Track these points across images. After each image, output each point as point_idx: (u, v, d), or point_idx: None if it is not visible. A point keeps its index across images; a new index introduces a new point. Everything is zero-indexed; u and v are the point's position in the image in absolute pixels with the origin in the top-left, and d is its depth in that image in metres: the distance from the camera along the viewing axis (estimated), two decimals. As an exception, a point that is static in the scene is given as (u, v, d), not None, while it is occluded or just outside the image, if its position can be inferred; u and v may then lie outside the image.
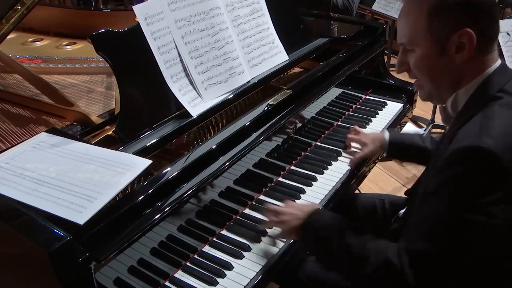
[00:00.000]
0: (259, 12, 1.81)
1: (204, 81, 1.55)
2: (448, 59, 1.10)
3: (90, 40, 1.34)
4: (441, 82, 1.16)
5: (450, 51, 1.09)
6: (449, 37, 1.08)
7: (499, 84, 1.10)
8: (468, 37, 1.07)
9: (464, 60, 1.10)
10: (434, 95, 1.21)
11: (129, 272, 1.17)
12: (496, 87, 1.10)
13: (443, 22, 1.08)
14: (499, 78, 1.11)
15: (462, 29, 1.06)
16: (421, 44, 1.12)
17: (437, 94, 1.20)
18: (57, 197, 1.06)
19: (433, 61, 1.13)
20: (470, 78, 1.13)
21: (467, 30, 1.06)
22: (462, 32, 1.06)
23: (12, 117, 1.69)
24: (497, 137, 1.00)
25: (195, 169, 1.30)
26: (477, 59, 1.11)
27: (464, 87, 1.14)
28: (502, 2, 2.62)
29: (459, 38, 1.07)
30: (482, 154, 0.98)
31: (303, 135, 1.80)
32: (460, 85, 1.15)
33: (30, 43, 2.41)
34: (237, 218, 1.45)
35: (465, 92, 1.14)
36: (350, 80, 2.03)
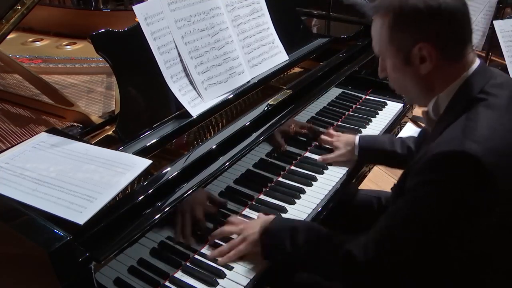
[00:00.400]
0: (259, 12, 1.81)
1: (204, 81, 1.55)
2: (414, 69, 1.12)
3: (90, 40, 1.34)
4: (413, 89, 1.18)
5: (415, 62, 1.11)
6: (410, 50, 1.10)
7: (479, 85, 1.09)
8: (426, 50, 1.08)
9: (432, 69, 1.10)
10: (414, 101, 1.24)
11: (129, 272, 1.17)
12: (477, 88, 1.09)
13: (403, 36, 1.10)
14: (479, 79, 1.11)
15: (419, 43, 1.08)
16: (388, 55, 1.16)
17: (416, 99, 1.24)
18: (57, 197, 1.06)
19: (401, 71, 1.15)
20: (446, 83, 1.13)
21: (424, 44, 1.07)
22: (419, 46, 1.08)
23: (12, 117, 1.69)
24: (480, 140, 0.99)
25: (195, 169, 1.30)
26: (447, 66, 1.11)
27: (444, 91, 1.14)
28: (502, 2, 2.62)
29: (419, 51, 1.09)
30: (466, 159, 0.97)
31: (303, 135, 1.79)
32: (436, 90, 1.15)
33: (30, 43, 2.41)
34: (237, 218, 1.45)
35: (445, 95, 1.14)
36: (350, 80, 2.03)
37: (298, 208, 1.49)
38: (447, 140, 1.04)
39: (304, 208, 1.49)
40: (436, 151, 1.01)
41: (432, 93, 1.16)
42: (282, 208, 1.48)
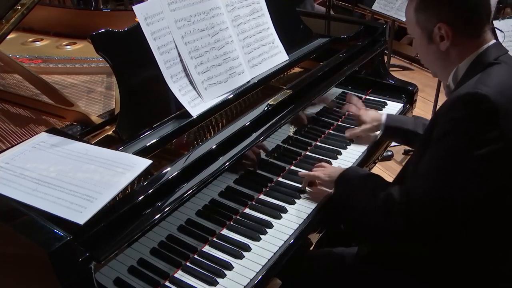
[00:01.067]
0: (259, 12, 1.81)
1: (204, 81, 1.55)
2: (435, 46, 1.29)
3: (90, 40, 1.34)
4: (436, 63, 1.36)
5: (436, 40, 1.28)
6: (432, 29, 1.27)
7: (495, 55, 1.25)
8: (444, 30, 1.25)
9: (450, 46, 1.27)
10: (437, 74, 1.41)
11: (129, 272, 1.17)
12: (492, 56, 1.24)
13: (425, 16, 1.28)
14: (495, 51, 1.26)
15: (438, 23, 1.25)
16: (415, 34, 1.35)
17: (439, 72, 1.39)
18: (57, 197, 1.06)
19: (426, 48, 1.33)
20: (464, 56, 1.28)
21: (441, 24, 1.24)
22: (438, 26, 1.25)
23: (12, 117, 1.69)
24: (491, 86, 1.13)
25: (195, 169, 1.30)
26: (465, 43, 1.27)
27: (462, 62, 1.28)
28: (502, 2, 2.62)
29: (439, 30, 1.26)
30: (477, 97, 1.11)
31: (303, 135, 1.80)
32: (455, 63, 1.30)
33: (30, 43, 2.41)
34: (237, 218, 1.45)
35: (463, 65, 1.28)
36: (350, 80, 2.03)
37: (298, 208, 1.49)
38: (463, 89, 1.18)
39: (304, 208, 1.49)
40: (453, 96, 1.18)
41: (452, 66, 1.31)
42: (282, 208, 1.48)
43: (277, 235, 1.39)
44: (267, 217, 1.44)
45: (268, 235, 1.38)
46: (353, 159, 1.75)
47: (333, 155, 1.75)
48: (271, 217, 1.45)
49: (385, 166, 3.25)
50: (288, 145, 1.71)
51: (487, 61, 1.23)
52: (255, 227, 1.41)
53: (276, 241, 1.36)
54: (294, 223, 1.43)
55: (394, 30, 4.15)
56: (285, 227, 1.41)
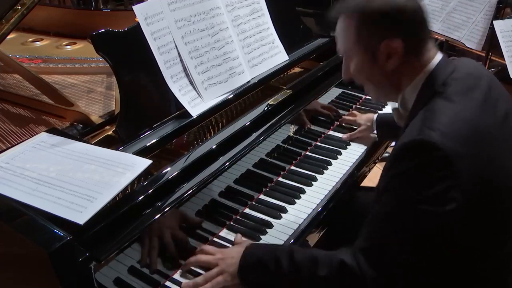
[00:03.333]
0: (259, 12, 1.81)
1: (204, 81, 1.55)
2: (380, 66, 1.16)
3: (90, 40, 1.34)
4: (381, 86, 1.22)
5: (381, 59, 1.15)
6: (377, 47, 1.13)
7: (442, 78, 1.13)
8: (393, 47, 1.12)
9: (397, 65, 1.15)
10: (381, 98, 1.28)
11: (129, 272, 1.17)
12: (439, 81, 1.13)
13: (370, 34, 1.14)
14: (442, 72, 1.15)
15: (386, 39, 1.12)
16: (355, 54, 1.19)
17: (384, 96, 1.28)
18: (57, 197, 1.06)
19: (368, 69, 1.19)
20: (411, 78, 1.17)
21: (391, 40, 1.12)
22: (386, 42, 1.12)
23: (12, 117, 1.69)
24: (438, 128, 1.02)
25: (195, 169, 1.30)
26: (412, 61, 1.16)
27: (410, 86, 1.18)
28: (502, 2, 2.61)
29: (386, 48, 1.13)
30: (425, 146, 1.01)
31: (303, 135, 1.80)
32: (402, 86, 1.19)
33: (30, 43, 2.41)
34: (237, 218, 1.45)
35: (411, 90, 1.18)
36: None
37: (298, 208, 1.49)
38: (407, 132, 1.08)
39: (304, 208, 1.49)
40: (397, 145, 1.07)
41: (399, 88, 1.21)
42: (282, 208, 1.48)
43: (277, 235, 1.39)
44: (267, 217, 1.44)
45: (268, 235, 1.38)
46: (353, 159, 1.75)
47: (333, 155, 1.75)
48: (271, 217, 1.45)
49: (385, 166, 3.24)
50: (288, 145, 1.71)
51: (434, 88, 1.12)
52: (255, 227, 1.41)
53: (276, 241, 1.36)
54: (294, 223, 1.43)
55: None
56: (285, 227, 1.41)
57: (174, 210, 1.23)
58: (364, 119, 1.85)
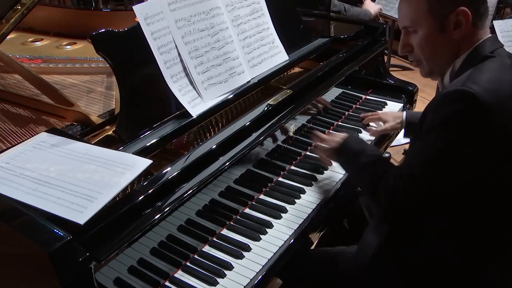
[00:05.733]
0: (259, 12, 1.81)
1: (204, 81, 1.55)
2: (447, 35, 1.24)
3: (90, 40, 1.34)
4: (442, 57, 1.29)
5: (449, 28, 1.23)
6: (448, 16, 1.21)
7: (490, 48, 1.24)
8: (464, 15, 1.20)
9: (462, 35, 1.23)
10: (436, 70, 1.34)
11: (129, 272, 1.17)
12: (487, 50, 1.23)
13: (441, 3, 1.22)
14: (490, 44, 1.25)
15: (458, 8, 1.20)
16: (423, 24, 1.25)
17: (439, 68, 1.33)
18: (57, 197, 1.06)
19: (434, 39, 1.26)
20: (465, 50, 1.26)
21: (463, 9, 1.19)
22: (458, 11, 1.20)
23: (12, 117, 1.69)
24: (480, 83, 1.12)
25: (195, 169, 1.30)
26: (472, 34, 1.24)
27: (460, 57, 1.27)
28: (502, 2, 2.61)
29: (457, 16, 1.21)
30: (465, 96, 1.11)
31: (303, 135, 1.80)
32: (458, 56, 1.28)
33: (30, 43, 2.41)
34: (237, 218, 1.45)
35: (460, 60, 1.27)
36: (350, 80, 2.03)
37: (298, 208, 1.49)
38: (453, 84, 1.19)
39: (304, 208, 1.49)
40: (442, 92, 1.18)
41: (454, 59, 1.28)
42: (282, 208, 1.48)
43: (277, 235, 1.39)
44: (267, 217, 1.44)
45: (268, 235, 1.38)
46: (353, 159, 1.74)
47: (333, 155, 1.75)
48: (271, 217, 1.45)
49: (385, 166, 3.25)
50: (288, 145, 1.71)
51: (482, 54, 1.23)
52: (255, 227, 1.41)
53: (276, 241, 1.36)
54: (294, 223, 1.43)
55: (394, 30, 4.14)
56: (285, 227, 1.42)
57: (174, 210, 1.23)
58: (391, 116, 1.87)
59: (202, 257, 1.31)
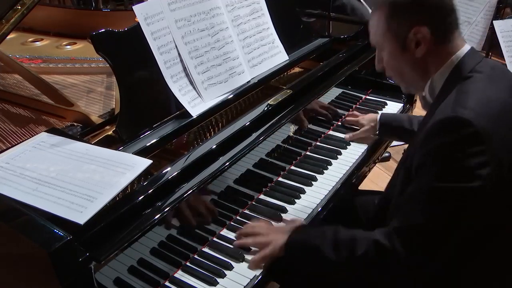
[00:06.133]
0: (259, 12, 1.81)
1: (204, 81, 1.55)
2: (410, 54, 1.22)
3: (90, 40, 1.34)
4: (412, 74, 1.27)
5: (410, 47, 1.21)
6: (406, 35, 1.20)
7: (470, 66, 1.19)
8: (421, 34, 1.18)
9: (425, 53, 1.20)
10: (410, 86, 1.34)
11: (129, 272, 1.17)
12: (467, 69, 1.19)
13: (398, 23, 1.21)
14: (470, 61, 1.20)
15: (414, 27, 1.18)
16: (386, 44, 1.26)
17: (413, 85, 1.32)
18: (57, 197, 1.06)
19: (399, 57, 1.25)
20: (439, 65, 1.23)
21: (419, 28, 1.18)
22: (414, 30, 1.18)
23: (12, 117, 1.69)
24: (470, 107, 1.07)
25: (195, 169, 1.30)
26: (439, 49, 1.21)
27: (438, 72, 1.23)
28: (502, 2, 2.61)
29: (414, 35, 1.19)
30: (458, 122, 1.05)
31: (303, 135, 1.80)
32: (430, 72, 1.24)
33: (30, 43, 2.41)
34: (237, 218, 1.45)
35: (439, 76, 1.23)
36: (350, 80, 2.03)
37: (298, 208, 1.49)
38: (441, 111, 1.12)
39: (304, 208, 1.49)
40: (432, 122, 1.10)
41: (427, 76, 1.25)
42: (282, 208, 1.48)
43: (277, 235, 1.38)
44: (266, 218, 1.44)
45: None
46: (353, 159, 1.75)
47: (333, 155, 1.75)
48: (270, 217, 1.44)
49: (385, 166, 3.25)
50: (288, 145, 1.71)
51: (463, 74, 1.18)
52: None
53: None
54: (294, 223, 1.43)
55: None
56: (285, 227, 1.41)
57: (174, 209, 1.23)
58: (367, 119, 1.86)
59: (202, 257, 1.31)
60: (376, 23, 1.26)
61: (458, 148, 1.05)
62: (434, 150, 1.08)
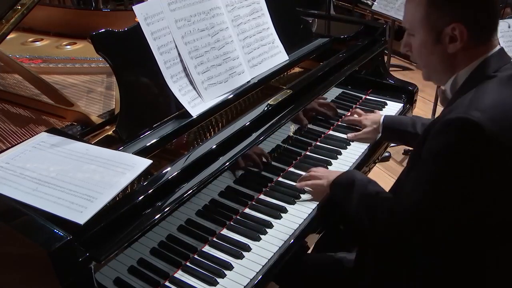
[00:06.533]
0: (259, 12, 1.81)
1: (204, 81, 1.55)
2: (442, 47, 1.19)
3: (90, 40, 1.34)
4: (438, 66, 1.25)
5: (444, 41, 1.18)
6: (443, 29, 1.16)
7: (496, 66, 1.17)
8: (459, 31, 1.15)
9: (458, 50, 1.18)
10: (432, 77, 1.31)
11: (129, 272, 1.17)
12: (493, 68, 1.17)
13: (439, 14, 1.16)
14: (496, 61, 1.18)
15: (453, 23, 1.14)
16: (419, 31, 1.21)
17: (436, 76, 1.30)
18: (57, 197, 1.06)
19: (429, 48, 1.21)
20: (467, 63, 1.20)
21: (458, 25, 1.14)
22: (453, 26, 1.15)
23: (12, 117, 1.69)
24: (484, 110, 1.07)
25: (195, 169, 1.30)
26: (472, 48, 1.18)
27: (463, 69, 1.21)
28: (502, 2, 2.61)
29: (452, 31, 1.15)
30: (468, 124, 1.05)
31: (303, 135, 1.80)
32: (457, 69, 1.22)
33: (30, 43, 2.41)
34: (237, 218, 1.45)
35: (464, 73, 1.21)
36: (350, 80, 2.03)
37: (298, 208, 1.49)
38: (455, 108, 1.12)
39: (304, 208, 1.49)
40: (445, 118, 1.11)
41: (453, 71, 1.23)
42: (282, 208, 1.48)
43: (277, 235, 1.39)
44: (267, 217, 1.44)
45: (268, 235, 1.38)
46: (353, 159, 1.75)
47: (333, 155, 1.75)
48: (271, 217, 1.45)
49: (385, 166, 3.25)
50: (288, 145, 1.71)
51: (486, 73, 1.17)
52: (255, 227, 1.41)
53: (276, 241, 1.36)
54: (294, 223, 1.43)
55: (394, 30, 4.14)
56: (285, 227, 1.41)
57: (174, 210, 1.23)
58: (370, 120, 1.84)
59: (202, 257, 1.31)
60: (414, 7, 1.20)
61: (464, 149, 1.07)
62: (442, 146, 1.10)
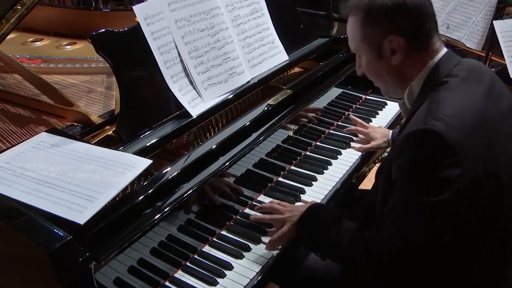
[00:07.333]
0: (259, 12, 1.81)
1: (204, 81, 1.55)
2: (387, 61, 1.20)
3: (90, 40, 1.34)
4: (389, 80, 1.26)
5: (386, 54, 1.18)
6: (382, 43, 1.17)
7: (445, 70, 1.17)
8: (397, 42, 1.16)
9: (402, 60, 1.18)
10: (391, 93, 1.32)
11: (129, 272, 1.17)
12: (443, 73, 1.16)
13: (374, 30, 1.18)
14: (446, 65, 1.18)
15: (389, 35, 1.16)
16: (364, 51, 1.24)
17: (392, 90, 1.31)
18: (57, 197, 1.06)
19: (376, 64, 1.23)
20: (416, 72, 1.20)
21: (394, 36, 1.15)
22: (390, 38, 1.16)
23: (12, 117, 1.69)
24: (442, 118, 1.05)
25: (195, 169, 1.30)
26: (416, 56, 1.19)
27: (415, 79, 1.21)
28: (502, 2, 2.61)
29: (390, 43, 1.16)
30: (429, 135, 1.04)
31: (303, 135, 1.80)
32: (408, 79, 1.22)
33: (30, 43, 2.41)
34: (237, 218, 1.45)
35: (416, 83, 1.21)
36: (350, 80, 2.03)
37: (298, 208, 1.49)
38: (413, 122, 1.12)
39: (304, 208, 1.49)
40: (405, 132, 1.10)
41: (406, 83, 1.23)
42: (282, 208, 1.48)
43: (277, 235, 1.38)
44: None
45: (268, 235, 1.38)
46: (353, 159, 1.75)
47: (333, 155, 1.75)
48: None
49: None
50: (288, 145, 1.71)
51: (437, 79, 1.16)
52: (256, 227, 1.40)
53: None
54: (294, 223, 1.43)
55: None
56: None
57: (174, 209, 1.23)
58: (380, 133, 1.80)
59: (202, 257, 1.31)
60: (353, 29, 1.23)
61: (430, 162, 1.04)
62: (407, 165, 1.07)
